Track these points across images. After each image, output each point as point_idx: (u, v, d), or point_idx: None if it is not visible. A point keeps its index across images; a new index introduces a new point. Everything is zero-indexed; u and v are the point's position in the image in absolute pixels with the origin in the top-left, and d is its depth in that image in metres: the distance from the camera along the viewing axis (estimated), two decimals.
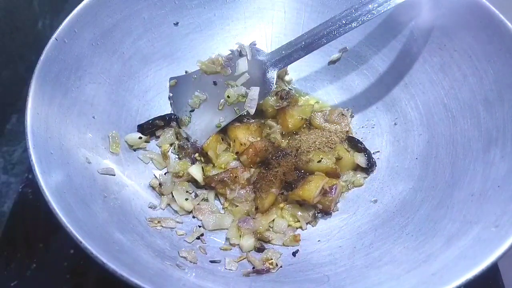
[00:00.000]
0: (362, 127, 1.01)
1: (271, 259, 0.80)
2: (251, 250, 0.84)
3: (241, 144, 0.94)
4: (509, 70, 0.80)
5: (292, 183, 0.90)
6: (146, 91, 0.99)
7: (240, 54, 0.98)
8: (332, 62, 1.06)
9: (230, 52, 1.00)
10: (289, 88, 1.06)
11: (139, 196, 0.87)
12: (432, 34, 0.92)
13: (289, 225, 0.88)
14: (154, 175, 0.92)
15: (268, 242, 0.86)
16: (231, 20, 1.06)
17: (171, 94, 1.02)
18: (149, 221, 0.83)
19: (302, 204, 0.89)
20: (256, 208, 0.88)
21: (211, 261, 0.80)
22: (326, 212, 0.89)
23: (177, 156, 0.97)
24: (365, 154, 0.93)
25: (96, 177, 0.80)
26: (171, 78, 1.02)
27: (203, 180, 0.91)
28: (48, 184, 0.66)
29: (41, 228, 0.93)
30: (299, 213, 0.88)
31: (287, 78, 1.08)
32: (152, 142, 0.96)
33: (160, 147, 0.96)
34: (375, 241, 0.79)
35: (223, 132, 0.97)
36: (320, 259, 0.80)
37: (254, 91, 0.94)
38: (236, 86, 0.96)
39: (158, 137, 0.96)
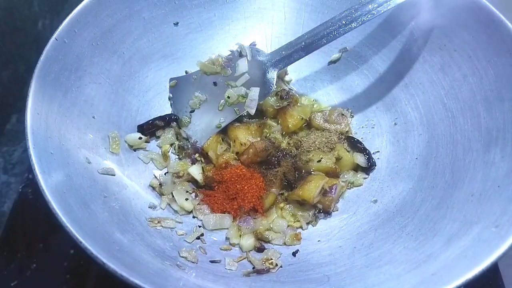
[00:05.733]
0: (362, 127, 1.01)
1: (271, 259, 0.80)
2: (251, 250, 0.84)
3: (241, 144, 0.94)
4: (509, 70, 0.80)
5: (292, 183, 0.90)
6: (146, 91, 0.99)
7: (240, 55, 0.98)
8: (332, 62, 1.06)
9: (230, 52, 1.00)
10: (289, 88, 1.06)
11: (139, 196, 0.87)
12: (432, 34, 0.92)
13: (289, 225, 0.88)
14: (154, 175, 0.92)
15: (268, 242, 0.86)
16: (231, 20, 1.06)
17: (171, 95, 1.02)
18: (149, 221, 0.83)
19: (302, 204, 0.89)
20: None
21: (211, 261, 0.79)
22: (326, 212, 0.89)
23: (177, 157, 0.97)
24: (365, 154, 0.93)
25: (96, 177, 0.80)
26: (171, 79, 1.02)
27: (203, 180, 0.91)
28: (48, 184, 0.66)
29: (41, 228, 0.93)
30: (299, 213, 0.88)
31: (287, 78, 1.08)
32: (152, 143, 0.96)
33: (160, 147, 0.96)
34: (375, 241, 0.79)
35: (223, 132, 0.97)
36: (320, 259, 0.80)
37: (254, 92, 0.94)
38: (236, 86, 0.96)
39: (158, 137, 0.96)
